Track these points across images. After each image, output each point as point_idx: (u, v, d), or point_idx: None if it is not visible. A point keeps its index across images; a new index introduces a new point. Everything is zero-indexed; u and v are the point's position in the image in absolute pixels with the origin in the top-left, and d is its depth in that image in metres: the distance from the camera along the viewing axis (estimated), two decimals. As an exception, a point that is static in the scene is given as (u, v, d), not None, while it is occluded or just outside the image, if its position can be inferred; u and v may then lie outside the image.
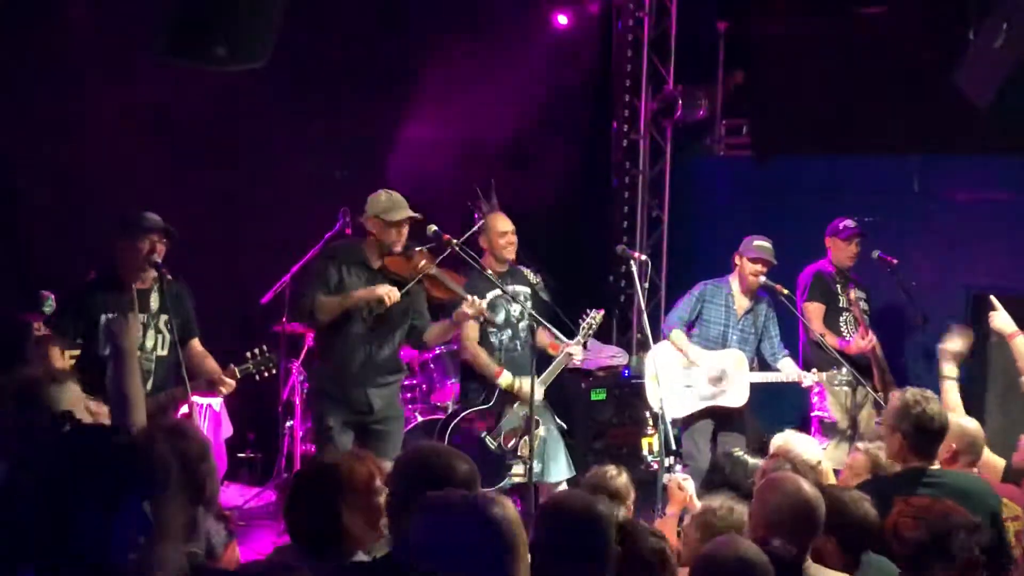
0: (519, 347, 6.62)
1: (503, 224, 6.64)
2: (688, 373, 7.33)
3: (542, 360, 6.48)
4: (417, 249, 6.29)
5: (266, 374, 5.90)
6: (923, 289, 7.85)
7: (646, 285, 6.66)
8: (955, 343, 5.74)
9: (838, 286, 7.70)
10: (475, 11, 9.02)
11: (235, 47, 5.83)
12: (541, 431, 6.40)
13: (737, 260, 7.43)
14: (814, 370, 7.24)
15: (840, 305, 7.68)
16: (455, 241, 6.26)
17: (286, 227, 7.77)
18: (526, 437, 6.28)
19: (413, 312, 6.29)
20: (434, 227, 6.19)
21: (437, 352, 7.90)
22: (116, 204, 6.32)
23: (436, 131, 8.76)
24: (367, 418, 6.17)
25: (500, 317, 6.55)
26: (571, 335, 6.51)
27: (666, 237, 10.31)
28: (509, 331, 6.60)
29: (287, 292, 7.28)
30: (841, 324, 7.66)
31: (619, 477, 4.66)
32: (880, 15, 8.69)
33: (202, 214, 7.36)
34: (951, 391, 5.55)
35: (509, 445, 6.42)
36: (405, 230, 6.14)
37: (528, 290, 6.72)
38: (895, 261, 7.71)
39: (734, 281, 7.46)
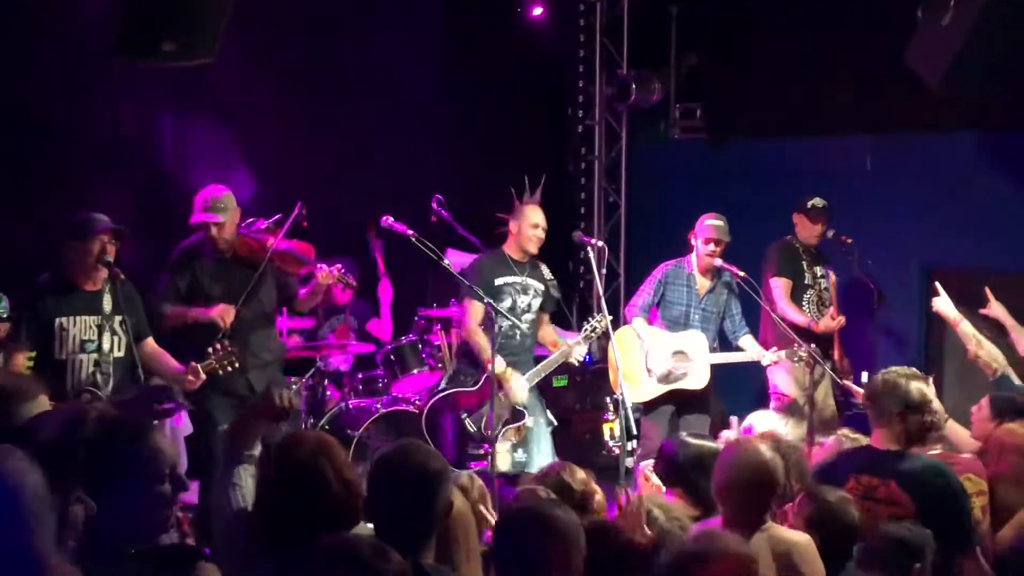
0: (518, 336, 6.65)
1: (536, 216, 6.66)
2: (649, 358, 7.32)
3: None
4: (264, 228, 6.32)
5: (229, 369, 5.85)
6: (878, 268, 7.90)
7: (603, 271, 6.68)
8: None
9: (804, 263, 7.72)
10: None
11: (184, 43, 5.80)
12: (530, 422, 6.45)
13: (692, 240, 7.44)
14: (774, 348, 7.25)
15: (805, 282, 7.66)
16: (411, 234, 6.23)
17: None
18: (510, 426, 6.33)
19: (278, 287, 6.35)
20: (390, 219, 6.19)
21: (399, 343, 7.87)
22: (68, 204, 6.25)
23: (390, 118, 8.73)
24: (250, 401, 6.16)
25: (506, 303, 6.57)
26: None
27: (624, 222, 10.35)
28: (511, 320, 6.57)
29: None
30: (804, 302, 7.63)
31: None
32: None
33: (148, 211, 7.31)
34: None
35: (489, 431, 6.42)
36: (216, 229, 6.09)
37: (542, 287, 6.78)
38: (850, 240, 7.74)
39: (694, 261, 7.47)
